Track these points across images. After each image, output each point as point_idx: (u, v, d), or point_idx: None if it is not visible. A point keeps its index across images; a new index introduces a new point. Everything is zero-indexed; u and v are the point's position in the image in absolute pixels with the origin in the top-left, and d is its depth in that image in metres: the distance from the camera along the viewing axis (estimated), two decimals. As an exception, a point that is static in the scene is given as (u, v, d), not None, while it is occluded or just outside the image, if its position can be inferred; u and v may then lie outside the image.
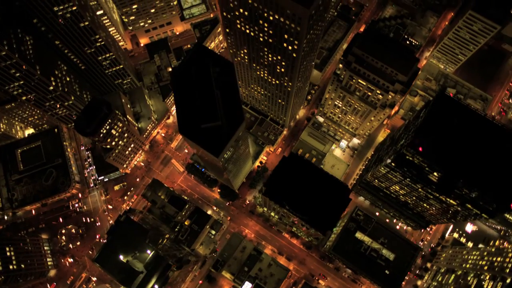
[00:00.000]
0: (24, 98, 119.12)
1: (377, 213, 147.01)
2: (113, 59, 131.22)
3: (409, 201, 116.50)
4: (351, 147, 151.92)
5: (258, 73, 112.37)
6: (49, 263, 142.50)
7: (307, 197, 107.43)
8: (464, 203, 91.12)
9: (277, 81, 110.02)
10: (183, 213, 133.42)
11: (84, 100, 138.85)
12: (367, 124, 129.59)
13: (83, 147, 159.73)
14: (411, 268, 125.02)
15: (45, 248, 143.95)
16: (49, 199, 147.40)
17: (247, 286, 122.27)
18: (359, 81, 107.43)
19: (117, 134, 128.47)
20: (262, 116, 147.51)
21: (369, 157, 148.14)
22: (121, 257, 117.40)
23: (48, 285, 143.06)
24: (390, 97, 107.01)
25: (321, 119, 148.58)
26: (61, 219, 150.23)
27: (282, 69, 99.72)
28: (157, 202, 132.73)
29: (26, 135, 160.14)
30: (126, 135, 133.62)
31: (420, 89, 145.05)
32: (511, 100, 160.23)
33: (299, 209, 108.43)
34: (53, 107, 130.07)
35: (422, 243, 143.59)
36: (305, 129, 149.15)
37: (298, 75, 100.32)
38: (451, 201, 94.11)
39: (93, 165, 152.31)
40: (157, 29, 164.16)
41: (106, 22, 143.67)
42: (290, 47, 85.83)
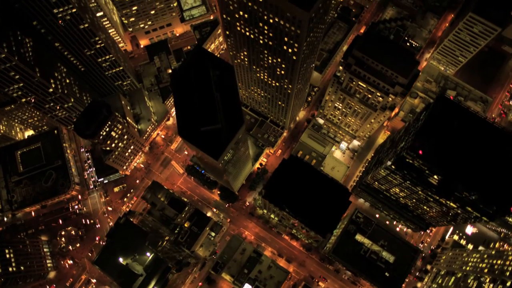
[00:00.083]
0: (23, 100, 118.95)
1: (377, 215, 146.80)
2: (113, 61, 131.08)
3: (409, 204, 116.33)
4: (351, 149, 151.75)
5: (258, 75, 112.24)
6: (49, 265, 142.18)
7: (307, 200, 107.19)
8: (464, 206, 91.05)
9: (277, 83, 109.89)
10: (183, 215, 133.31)
11: (84, 102, 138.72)
12: (367, 126, 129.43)
13: (82, 149, 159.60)
14: (411, 270, 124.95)
15: (45, 250, 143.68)
16: (49, 201, 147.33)
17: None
18: (359, 83, 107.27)
19: (116, 136, 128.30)
20: (262, 118, 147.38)
21: (369, 159, 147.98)
22: (121, 260, 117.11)
23: (47, 287, 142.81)
24: (390, 99, 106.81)
25: (321, 121, 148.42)
26: (60, 221, 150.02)
27: (282, 72, 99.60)
28: (157, 204, 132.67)
29: (25, 137, 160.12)
30: (125, 137, 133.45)
31: (420, 91, 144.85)
32: (511, 102, 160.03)
33: (299, 212, 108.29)
34: (53, 109, 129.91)
35: (422, 245, 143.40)
36: (305, 131, 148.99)
37: (298, 77, 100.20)
38: (451, 204, 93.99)
39: (93, 167, 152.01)
40: (157, 31, 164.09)
41: (106, 23, 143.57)
42: (290, 50, 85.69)
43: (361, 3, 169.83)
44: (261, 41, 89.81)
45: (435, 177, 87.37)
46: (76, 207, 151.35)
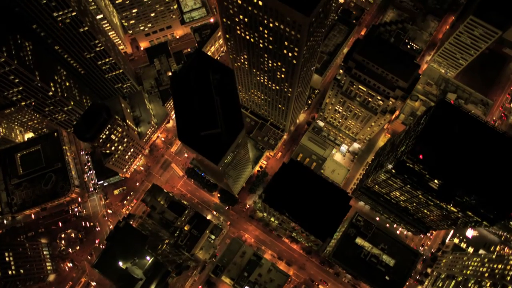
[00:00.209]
0: (23, 103, 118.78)
1: (377, 218, 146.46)
2: (113, 64, 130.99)
3: (410, 207, 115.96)
4: (351, 151, 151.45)
5: (258, 78, 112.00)
6: (49, 268, 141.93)
7: (307, 204, 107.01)
8: (464, 210, 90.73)
9: (277, 87, 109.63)
10: (183, 218, 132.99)
11: (83, 105, 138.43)
12: (367, 129, 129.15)
13: (82, 151, 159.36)
14: (412, 273, 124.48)
15: (45, 252, 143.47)
16: (49, 204, 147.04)
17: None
18: (360, 87, 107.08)
19: (116, 139, 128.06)
20: (262, 120, 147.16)
21: (370, 162, 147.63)
22: (120, 264, 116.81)
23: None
24: (390, 103, 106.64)
25: (321, 124, 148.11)
26: (60, 224, 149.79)
27: (282, 75, 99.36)
28: (157, 207, 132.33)
29: (25, 139, 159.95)
30: (125, 139, 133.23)
31: (421, 93, 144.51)
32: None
33: (298, 216, 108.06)
34: (53, 112, 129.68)
35: (422, 248, 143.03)
36: (305, 134, 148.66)
37: (298, 81, 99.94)
38: (452, 208, 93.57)
39: (93, 170, 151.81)
40: (157, 33, 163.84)
41: (106, 26, 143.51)
42: (290, 54, 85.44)
43: (361, 6, 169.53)
44: (261, 45, 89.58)
45: (436, 181, 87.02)
46: (76, 209, 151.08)
